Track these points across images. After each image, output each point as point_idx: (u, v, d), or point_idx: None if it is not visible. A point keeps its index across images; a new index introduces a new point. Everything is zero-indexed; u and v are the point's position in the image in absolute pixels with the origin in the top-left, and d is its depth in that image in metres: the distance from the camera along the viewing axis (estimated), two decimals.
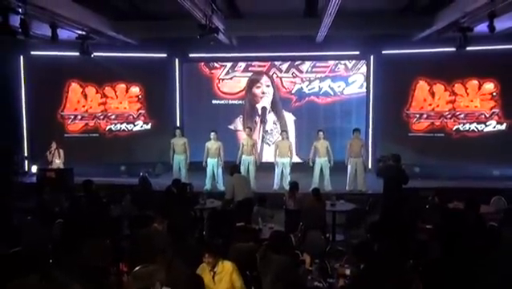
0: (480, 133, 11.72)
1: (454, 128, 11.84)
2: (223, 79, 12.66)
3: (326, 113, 12.34)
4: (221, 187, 10.10)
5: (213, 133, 10.32)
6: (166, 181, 8.82)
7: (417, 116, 12.01)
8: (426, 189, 9.04)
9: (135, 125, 12.63)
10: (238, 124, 12.58)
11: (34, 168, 11.23)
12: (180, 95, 12.62)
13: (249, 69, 12.62)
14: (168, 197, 7.49)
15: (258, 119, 12.61)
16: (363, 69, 12.28)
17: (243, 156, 10.20)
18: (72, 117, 12.53)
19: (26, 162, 12.20)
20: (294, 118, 12.47)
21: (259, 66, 12.59)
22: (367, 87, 12.20)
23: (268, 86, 12.57)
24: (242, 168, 10.08)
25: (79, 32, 9.33)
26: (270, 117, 12.60)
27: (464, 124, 11.80)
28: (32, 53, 11.80)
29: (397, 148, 10.17)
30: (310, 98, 12.44)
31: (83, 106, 12.54)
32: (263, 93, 12.58)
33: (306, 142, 11.54)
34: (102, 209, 6.80)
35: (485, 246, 5.15)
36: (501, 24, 8.02)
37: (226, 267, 4.41)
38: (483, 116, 11.71)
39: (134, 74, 12.18)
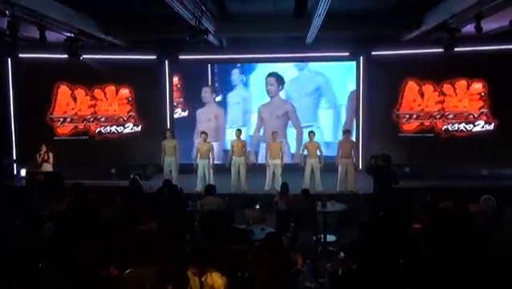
0: (469, 133, 11.85)
1: (443, 128, 11.96)
2: None
3: None
4: None
5: (203, 135, 10.31)
6: (157, 184, 8.76)
7: (407, 116, 12.10)
8: (416, 188, 9.09)
9: (125, 127, 12.57)
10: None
11: (23, 172, 11.11)
12: (170, 97, 12.58)
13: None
14: (159, 199, 7.45)
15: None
16: None
17: (234, 158, 10.16)
18: (61, 120, 12.46)
19: (15, 165, 12.10)
20: None
21: None
22: (357, 88, 12.26)
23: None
24: (233, 170, 10.07)
25: (68, 34, 9.26)
26: None
27: (453, 124, 11.93)
28: (20, 55, 11.64)
29: (387, 148, 10.24)
30: None
31: (73, 108, 12.48)
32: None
33: None
34: (92, 212, 6.73)
35: (473, 245, 5.20)
36: (488, 25, 8.12)
37: (216, 282, 4.12)
38: (472, 116, 11.84)
39: (123, 76, 12.14)
